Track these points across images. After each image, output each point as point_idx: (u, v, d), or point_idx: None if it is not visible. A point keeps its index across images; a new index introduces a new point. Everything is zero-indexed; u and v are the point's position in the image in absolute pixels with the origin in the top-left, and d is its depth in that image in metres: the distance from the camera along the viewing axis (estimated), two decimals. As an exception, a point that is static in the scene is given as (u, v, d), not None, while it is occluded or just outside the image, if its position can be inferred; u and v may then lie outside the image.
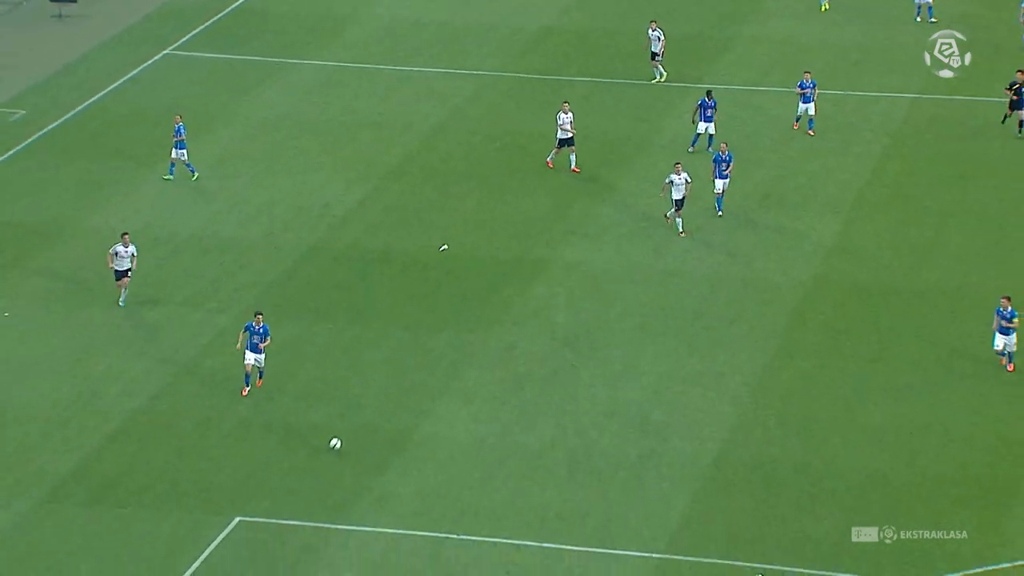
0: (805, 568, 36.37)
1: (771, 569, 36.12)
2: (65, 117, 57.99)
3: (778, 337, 44.85)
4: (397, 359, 44.21)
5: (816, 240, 49.36)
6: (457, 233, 50.29)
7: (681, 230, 49.10)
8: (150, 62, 62.39)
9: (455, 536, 37.40)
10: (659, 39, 58.47)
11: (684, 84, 59.44)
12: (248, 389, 42.00)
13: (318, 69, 61.78)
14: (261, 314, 41.88)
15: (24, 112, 58.32)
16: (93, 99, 59.46)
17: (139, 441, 40.95)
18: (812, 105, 54.46)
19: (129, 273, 45.39)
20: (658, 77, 58.79)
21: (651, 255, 48.94)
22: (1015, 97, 52.01)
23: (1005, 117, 52.68)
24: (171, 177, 52.73)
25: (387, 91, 59.89)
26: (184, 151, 52.68)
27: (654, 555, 36.86)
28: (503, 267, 48.44)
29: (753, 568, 36.14)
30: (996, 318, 42.17)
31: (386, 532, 37.59)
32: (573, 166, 52.77)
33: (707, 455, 40.16)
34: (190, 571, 36.38)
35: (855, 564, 36.40)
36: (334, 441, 39.46)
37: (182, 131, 52.48)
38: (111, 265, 45.29)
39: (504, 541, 37.24)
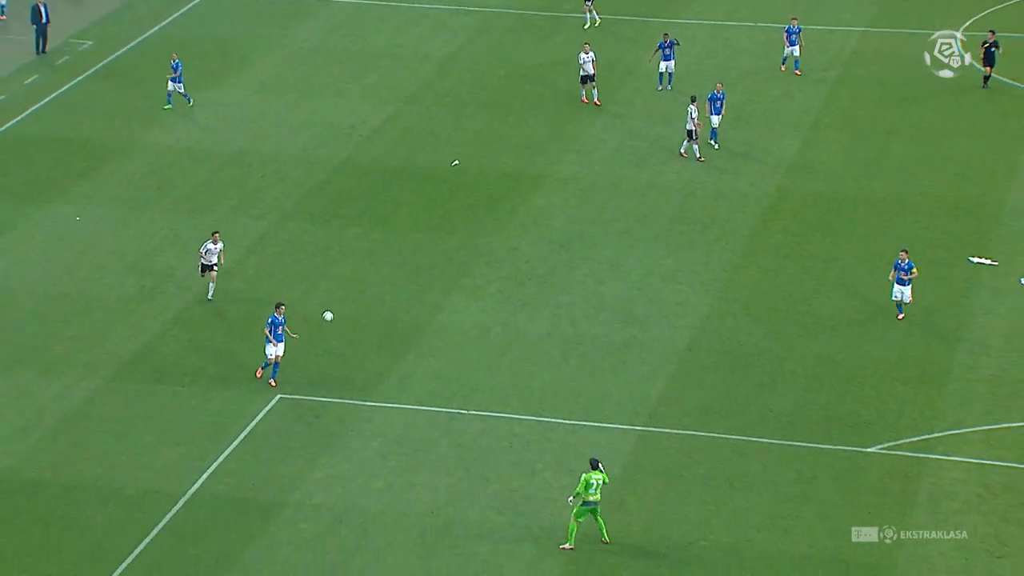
0: (766, 438, 36.58)
1: (736, 440, 36.29)
2: (127, 47, 57.66)
3: (745, 240, 44.85)
4: (414, 259, 44.25)
5: (779, 156, 49.26)
6: (467, 150, 50.17)
7: (699, 156, 48.45)
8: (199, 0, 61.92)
9: (465, 411, 37.59)
10: None
11: (665, 19, 58.96)
12: (262, 372, 38.32)
13: (346, 7, 61.35)
14: (283, 305, 38.48)
15: (91, 43, 57.98)
16: (150, 32, 59.08)
17: (193, 329, 41.07)
18: (797, 48, 53.68)
19: (215, 267, 41.29)
20: (589, 22, 57.45)
21: (634, 169, 48.84)
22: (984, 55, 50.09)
23: (985, 80, 50.25)
24: (170, 106, 52.01)
25: (406, 26, 59.53)
26: (181, 84, 51.75)
27: (636, 427, 37.07)
28: (507, 180, 48.35)
29: (726, 439, 36.36)
30: (894, 270, 40.05)
31: (406, 408, 37.78)
32: (595, 99, 52.11)
33: (682, 341, 40.28)
34: (238, 440, 36.62)
35: (809, 434, 36.62)
36: (327, 314, 37.91)
37: (179, 67, 51.80)
38: (201, 259, 41.36)
39: (507, 416, 37.43)
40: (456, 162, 49.39)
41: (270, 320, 38.16)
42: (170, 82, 51.91)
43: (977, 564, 32.67)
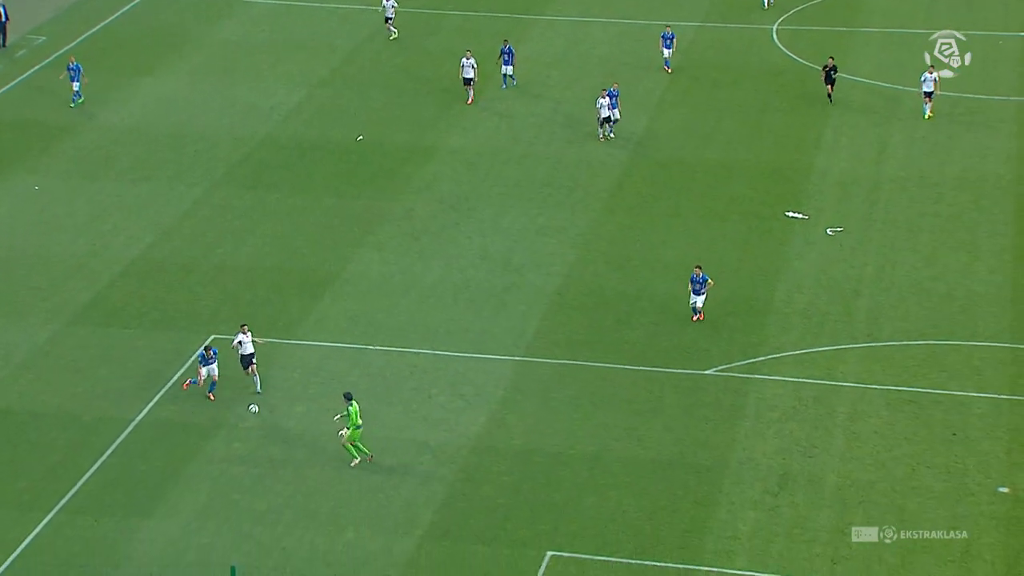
0: (623, 364, 36.87)
1: (598, 367, 36.51)
2: (76, 41, 56.16)
3: (604, 200, 44.99)
4: (327, 219, 43.83)
5: (630, 130, 49.39)
6: (370, 127, 49.69)
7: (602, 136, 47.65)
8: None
9: (371, 347, 37.39)
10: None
11: (529, 15, 58.71)
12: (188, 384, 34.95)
13: (265, 6, 60.27)
14: (210, 348, 34.54)
15: (45, 38, 56.41)
16: (97, 27, 57.59)
17: (138, 280, 40.37)
18: (670, 51, 52.30)
19: (254, 359, 34.82)
20: (393, 34, 55.19)
21: (511, 142, 48.71)
22: (825, 76, 49.42)
23: (829, 96, 49.13)
24: (80, 100, 49.65)
25: (317, 22, 58.65)
26: (78, 83, 49.13)
27: (515, 357, 37.15)
28: (404, 152, 47.99)
29: (590, 366, 36.53)
30: (691, 283, 37.82)
31: (322, 345, 37.49)
32: (469, 100, 50.83)
33: (553, 285, 40.37)
34: (179, 373, 36.11)
35: (657, 360, 36.93)
36: (252, 407, 33.84)
37: (79, 68, 49.15)
38: (239, 352, 35.00)
39: (408, 350, 37.31)
40: (361, 137, 48.91)
41: (200, 352, 34.50)
42: (73, 83, 49.66)
43: (793, 462, 33.27)
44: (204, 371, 34.76)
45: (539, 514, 31.50)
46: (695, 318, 37.77)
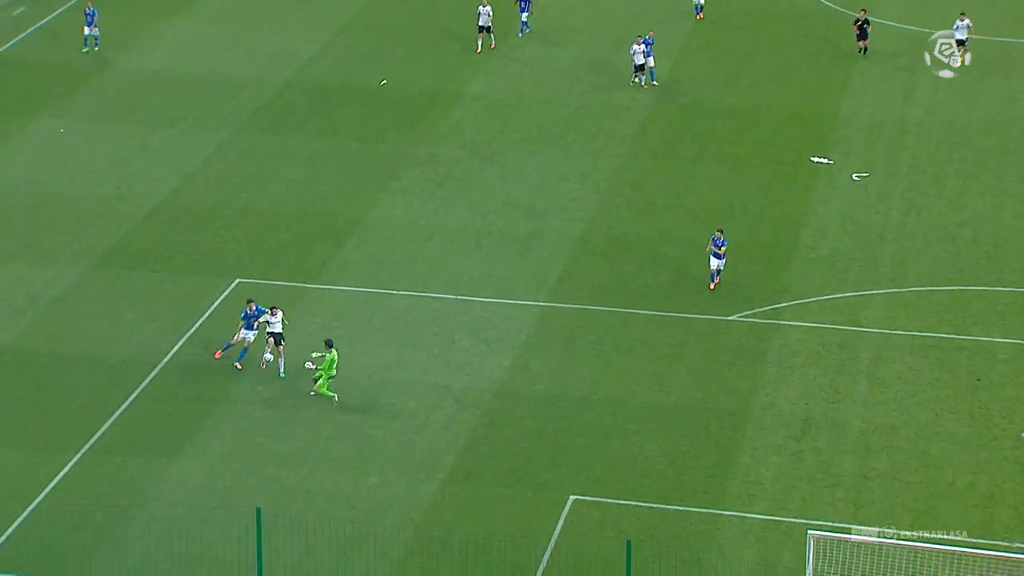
0: (645, 310, 36.78)
1: (621, 312, 36.44)
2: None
3: (627, 146, 44.73)
4: (351, 165, 43.73)
5: (655, 75, 48.93)
6: (394, 72, 49.42)
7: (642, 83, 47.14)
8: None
9: (395, 291, 37.38)
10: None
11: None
12: (230, 360, 33.91)
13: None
14: (252, 301, 33.93)
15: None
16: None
17: (163, 224, 40.40)
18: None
19: (283, 339, 33.53)
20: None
21: (534, 88, 48.40)
22: (859, 31, 48.85)
23: (862, 50, 48.40)
24: (87, 50, 49.28)
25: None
26: (95, 28, 48.72)
27: (538, 303, 37.10)
28: (427, 97, 47.74)
29: (612, 311, 36.50)
30: (711, 244, 36.66)
31: (345, 289, 37.50)
32: (492, 43, 50.39)
33: (576, 231, 40.25)
34: (204, 317, 36.21)
35: (680, 306, 36.83)
36: (267, 355, 33.09)
37: (95, 14, 48.84)
38: (268, 328, 33.68)
39: (431, 295, 37.28)
40: (384, 81, 48.66)
41: (244, 312, 33.66)
42: (86, 27, 49.30)
43: (816, 408, 33.20)
44: (243, 335, 33.49)
45: (562, 458, 31.55)
46: (713, 284, 36.47)
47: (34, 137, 45.09)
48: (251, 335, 33.81)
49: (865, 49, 48.70)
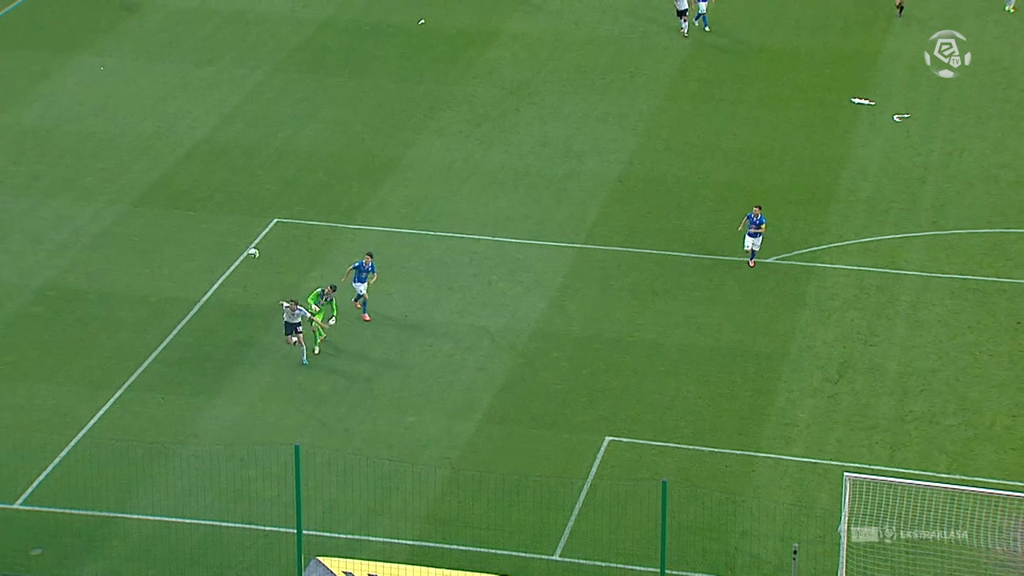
0: (683, 252, 36.57)
1: (658, 254, 36.25)
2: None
3: (666, 86, 44.30)
4: (388, 104, 43.54)
5: (693, 16, 48.31)
6: (431, 11, 49.04)
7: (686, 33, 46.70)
8: None
9: (432, 233, 37.31)
10: None
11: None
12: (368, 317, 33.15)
13: None
14: (371, 254, 33.37)
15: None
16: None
17: (202, 163, 40.43)
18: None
19: (299, 329, 32.17)
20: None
21: (573, 27, 47.94)
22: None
23: (900, 8, 47.15)
24: None
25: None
26: None
27: (575, 245, 36.96)
28: (466, 36, 47.38)
29: (649, 253, 36.31)
30: (746, 222, 34.70)
31: (382, 230, 37.45)
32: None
33: (613, 173, 40.00)
34: (242, 256, 36.28)
35: (717, 248, 36.59)
36: (252, 251, 32.48)
37: None
38: (284, 318, 32.35)
39: (467, 236, 37.21)
40: (422, 21, 48.30)
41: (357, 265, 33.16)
42: None
43: (853, 351, 32.99)
44: (355, 287, 33.13)
45: (598, 400, 31.54)
46: (751, 263, 34.78)
47: (75, 75, 45.11)
48: (362, 287, 33.10)
49: (901, 9, 47.63)
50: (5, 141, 41.18)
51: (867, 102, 43.17)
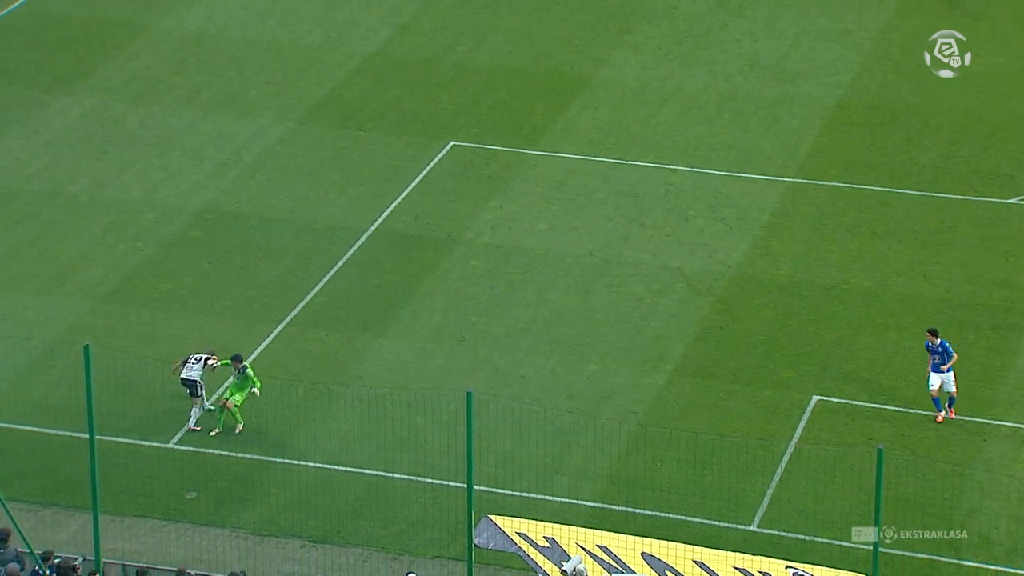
0: (910, 189, 35.65)
1: (881, 191, 35.40)
2: None
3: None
4: (579, 15, 43.27)
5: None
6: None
7: None
8: None
9: (623, 161, 37.09)
10: None
11: None
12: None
13: None
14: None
15: None
16: None
17: (375, 77, 40.89)
18: None
19: (200, 390, 29.08)
20: None
21: (792, -70, 46.83)
22: None
23: None
24: None
25: None
26: None
27: (785, 179, 36.36)
28: (668, -60, 46.70)
29: (870, 190, 35.45)
30: (929, 355, 28.90)
31: (568, 157, 37.40)
32: None
33: (832, 97, 39.13)
34: (415, 182, 36.68)
35: (951, 186, 35.62)
36: (191, 493, 27.57)
37: None
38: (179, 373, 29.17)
39: (663, 166, 36.90)
40: (620, -77, 47.69)
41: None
42: None
43: (1108, 312, 31.76)
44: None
45: (805, 354, 31.07)
46: (939, 416, 28.82)
47: (239, -20, 45.97)
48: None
49: None
50: (167, 47, 42.29)
51: None
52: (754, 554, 23.83)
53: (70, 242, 34.61)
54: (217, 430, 29.15)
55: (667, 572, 22.51)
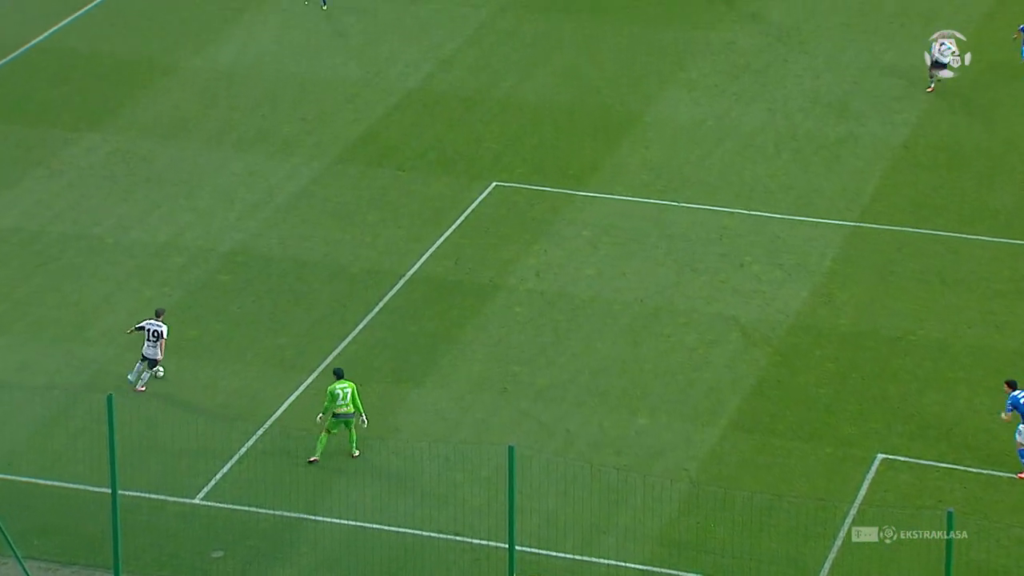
0: (982, 235, 35.53)
1: (951, 237, 35.29)
2: None
3: (969, 34, 42.91)
4: (630, 51, 43.53)
5: None
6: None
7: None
8: None
9: (676, 203, 37.17)
10: None
11: None
12: None
13: None
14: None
15: None
16: None
17: (415, 115, 41.20)
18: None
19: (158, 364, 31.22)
20: None
21: (855, -39, 47.02)
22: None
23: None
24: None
25: None
26: None
27: (848, 223, 36.35)
28: (724, -29, 47.00)
29: (939, 235, 35.41)
30: (1015, 411, 28.62)
31: (617, 198, 37.54)
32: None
33: (898, 137, 39.13)
34: (456, 224, 36.86)
35: (1026, 233, 35.48)
36: (217, 553, 27.97)
37: None
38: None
39: (718, 208, 36.97)
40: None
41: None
42: None
43: None
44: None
45: (869, 409, 30.94)
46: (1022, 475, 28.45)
47: (276, 10, 46.53)
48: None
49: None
50: (198, 84, 42.80)
51: None
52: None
53: (94, 287, 34.94)
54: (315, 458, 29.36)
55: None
